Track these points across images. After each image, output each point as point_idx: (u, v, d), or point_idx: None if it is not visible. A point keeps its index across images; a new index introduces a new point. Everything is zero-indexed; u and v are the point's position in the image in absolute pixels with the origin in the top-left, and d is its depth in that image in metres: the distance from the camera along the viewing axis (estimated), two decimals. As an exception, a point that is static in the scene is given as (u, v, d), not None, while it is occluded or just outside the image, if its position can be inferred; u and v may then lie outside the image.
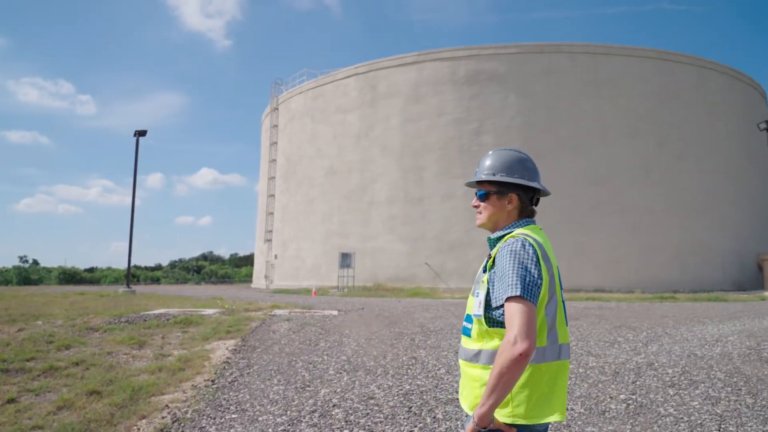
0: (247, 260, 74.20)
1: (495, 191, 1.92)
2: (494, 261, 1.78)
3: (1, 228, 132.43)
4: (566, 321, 1.83)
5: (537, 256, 1.73)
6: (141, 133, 25.51)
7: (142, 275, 67.60)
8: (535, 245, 1.76)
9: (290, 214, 33.89)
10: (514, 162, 1.93)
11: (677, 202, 26.83)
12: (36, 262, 71.07)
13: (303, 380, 5.86)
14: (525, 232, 1.82)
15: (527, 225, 1.89)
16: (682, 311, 12.86)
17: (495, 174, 1.91)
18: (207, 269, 74.66)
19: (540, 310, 1.71)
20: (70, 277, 59.65)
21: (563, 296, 1.86)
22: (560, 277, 1.86)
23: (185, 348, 7.71)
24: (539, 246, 1.78)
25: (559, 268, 1.90)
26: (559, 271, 1.87)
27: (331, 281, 28.20)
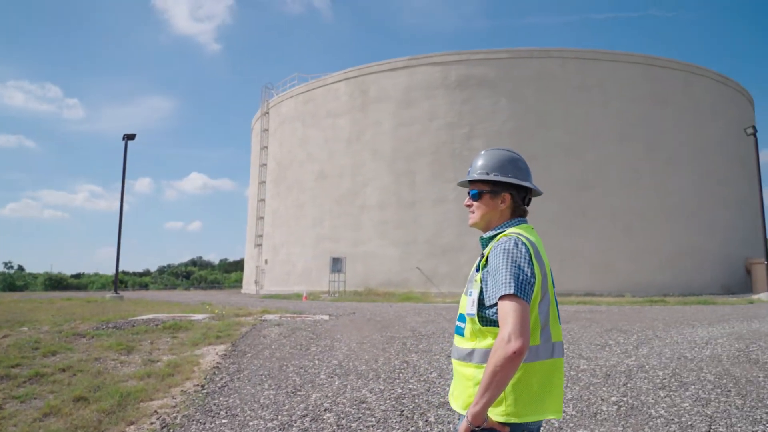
0: (237, 266, 73.85)
1: (488, 190, 1.91)
2: (487, 260, 1.77)
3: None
4: (559, 319, 1.83)
5: (530, 255, 1.73)
6: (130, 137, 25.35)
7: (130, 281, 67.02)
8: (528, 244, 1.76)
9: (281, 219, 33.79)
10: (507, 162, 1.93)
11: (666, 207, 27.07)
12: (21, 268, 70.33)
13: (294, 385, 5.81)
14: (518, 231, 1.82)
15: (520, 224, 1.89)
16: (672, 314, 12.93)
17: (488, 173, 1.91)
18: (196, 275, 74.21)
19: (533, 309, 1.70)
20: (57, 283, 58.98)
21: (556, 295, 1.86)
22: (552, 276, 1.86)
23: (174, 353, 7.62)
24: (532, 245, 1.77)
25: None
26: (551, 270, 1.87)
27: (322, 286, 28.11)
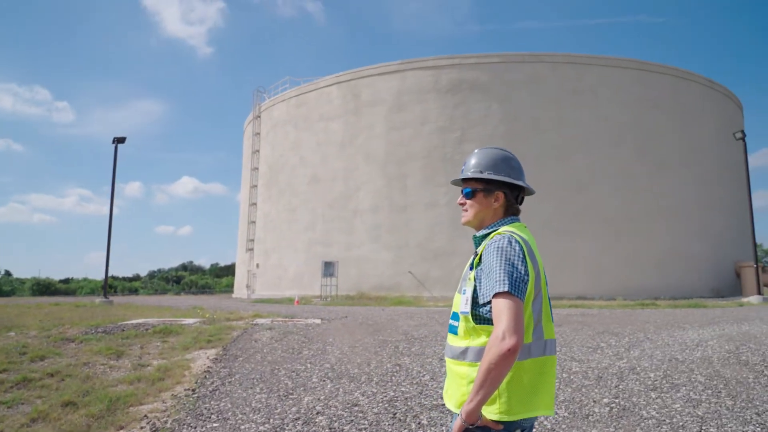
0: (228, 270, 73.44)
1: (481, 189, 1.91)
2: (481, 258, 1.77)
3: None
4: (552, 317, 1.82)
5: (524, 253, 1.73)
6: (120, 140, 25.17)
7: (120, 286, 66.48)
8: (522, 242, 1.76)
9: (272, 223, 33.66)
10: (501, 160, 1.93)
11: (657, 210, 27.25)
12: (8, 273, 69.53)
13: (286, 388, 5.78)
14: (511, 230, 1.82)
15: (513, 223, 1.89)
16: (663, 317, 13.01)
17: (482, 172, 1.91)
18: (187, 279, 73.71)
19: (527, 307, 1.70)
20: (45, 288, 58.34)
21: (548, 293, 1.86)
22: (545, 275, 1.85)
23: (165, 358, 7.55)
24: (525, 243, 1.77)
25: None
26: (544, 269, 1.87)
27: (314, 290, 28.01)
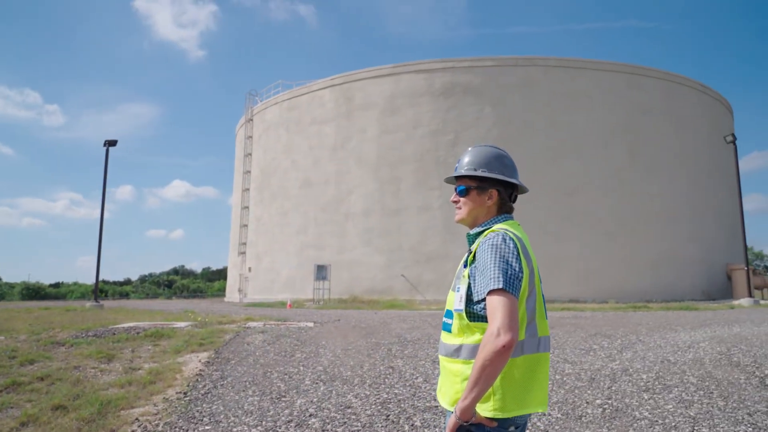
0: (220, 274, 73.09)
1: (475, 186, 1.91)
2: (475, 256, 1.77)
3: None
4: (546, 314, 1.82)
5: (518, 250, 1.73)
6: (111, 143, 25.04)
7: (111, 290, 65.98)
8: (516, 239, 1.76)
9: (265, 227, 33.55)
10: (494, 158, 1.93)
11: (649, 213, 27.43)
12: (-3, 278, 68.78)
13: (279, 391, 5.75)
14: (505, 227, 1.82)
15: (506, 221, 1.90)
16: (655, 319, 13.07)
17: (476, 170, 1.91)
18: (178, 284, 73.28)
19: (520, 304, 1.70)
20: (34, 293, 57.80)
21: (542, 290, 1.86)
22: (539, 272, 1.86)
23: (156, 361, 7.49)
24: (519, 240, 1.77)
25: None
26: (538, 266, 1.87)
27: (307, 294, 27.93)
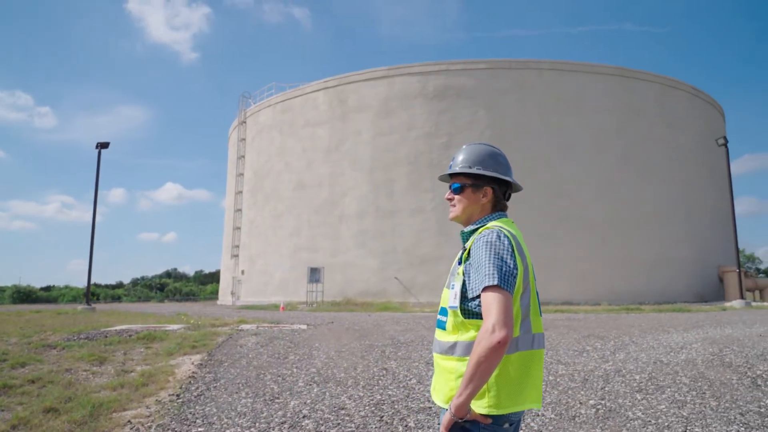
0: (213, 277, 72.76)
1: (470, 184, 1.91)
2: (469, 253, 1.77)
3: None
4: (540, 311, 1.83)
5: (512, 247, 1.73)
6: (103, 146, 24.89)
7: (103, 293, 65.56)
8: (510, 237, 1.76)
9: (258, 229, 33.45)
10: (489, 156, 1.93)
11: (641, 216, 27.58)
12: (-12, 281, 68.20)
13: (272, 392, 5.72)
14: (499, 225, 1.82)
15: (500, 218, 1.89)
16: (648, 321, 13.13)
17: (471, 167, 1.91)
18: (171, 287, 72.90)
19: (515, 301, 1.70)
20: (25, 296, 57.37)
21: (536, 287, 1.86)
22: (533, 269, 1.86)
23: (149, 364, 7.44)
24: (514, 237, 1.78)
25: None
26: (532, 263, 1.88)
27: (300, 297, 27.85)
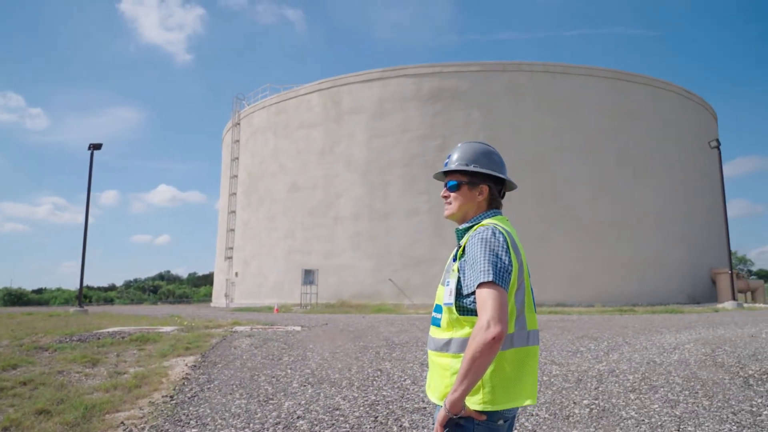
0: (207, 279, 72.45)
1: (467, 182, 1.92)
2: (464, 249, 1.77)
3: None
4: (535, 308, 1.83)
5: (507, 244, 1.73)
6: (96, 147, 24.75)
7: (95, 296, 65.11)
8: (505, 233, 1.77)
9: (252, 231, 33.36)
10: (484, 154, 1.94)
11: (634, 218, 27.73)
12: (-21, 284, 67.58)
13: (266, 394, 5.70)
14: (494, 222, 1.83)
15: (495, 216, 1.90)
16: (641, 322, 13.20)
17: (467, 165, 1.91)
18: (164, 289, 72.47)
19: (510, 297, 1.71)
20: (17, 299, 56.86)
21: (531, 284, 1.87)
22: (528, 266, 1.87)
23: (142, 365, 7.40)
24: (508, 234, 1.78)
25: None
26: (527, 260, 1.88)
27: (294, 299, 27.80)
